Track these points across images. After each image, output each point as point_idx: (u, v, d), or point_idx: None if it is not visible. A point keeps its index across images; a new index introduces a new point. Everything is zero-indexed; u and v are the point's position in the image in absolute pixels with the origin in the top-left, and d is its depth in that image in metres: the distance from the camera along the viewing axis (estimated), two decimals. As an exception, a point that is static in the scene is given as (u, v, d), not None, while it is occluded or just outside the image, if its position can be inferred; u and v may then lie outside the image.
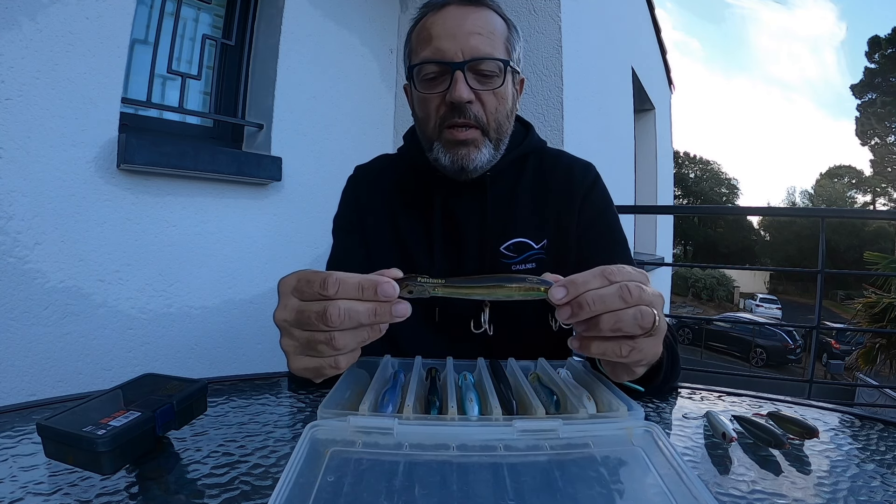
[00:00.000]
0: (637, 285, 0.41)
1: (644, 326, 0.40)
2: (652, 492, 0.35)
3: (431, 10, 0.71)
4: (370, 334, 0.41)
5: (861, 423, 0.61)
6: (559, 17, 1.95)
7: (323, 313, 0.39)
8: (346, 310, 0.39)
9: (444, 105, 0.68)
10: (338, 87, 2.01)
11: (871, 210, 19.14)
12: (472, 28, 0.68)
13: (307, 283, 0.41)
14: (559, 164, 0.80)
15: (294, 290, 0.42)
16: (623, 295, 0.40)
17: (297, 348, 0.42)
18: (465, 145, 0.69)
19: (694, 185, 36.72)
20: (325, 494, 0.33)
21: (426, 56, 0.68)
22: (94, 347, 1.36)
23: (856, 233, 27.76)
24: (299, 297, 0.41)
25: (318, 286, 0.39)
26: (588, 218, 0.77)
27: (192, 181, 1.56)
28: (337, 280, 0.39)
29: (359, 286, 0.39)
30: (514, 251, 0.75)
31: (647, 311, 0.40)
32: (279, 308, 0.43)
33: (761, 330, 13.85)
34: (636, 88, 4.21)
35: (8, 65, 1.19)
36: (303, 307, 0.40)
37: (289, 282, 0.43)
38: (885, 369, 5.84)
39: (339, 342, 0.40)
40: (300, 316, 0.40)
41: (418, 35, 0.71)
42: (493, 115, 0.70)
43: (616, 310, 0.40)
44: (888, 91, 27.49)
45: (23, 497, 0.37)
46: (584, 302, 0.40)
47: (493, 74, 0.69)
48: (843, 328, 11.69)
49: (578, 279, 0.41)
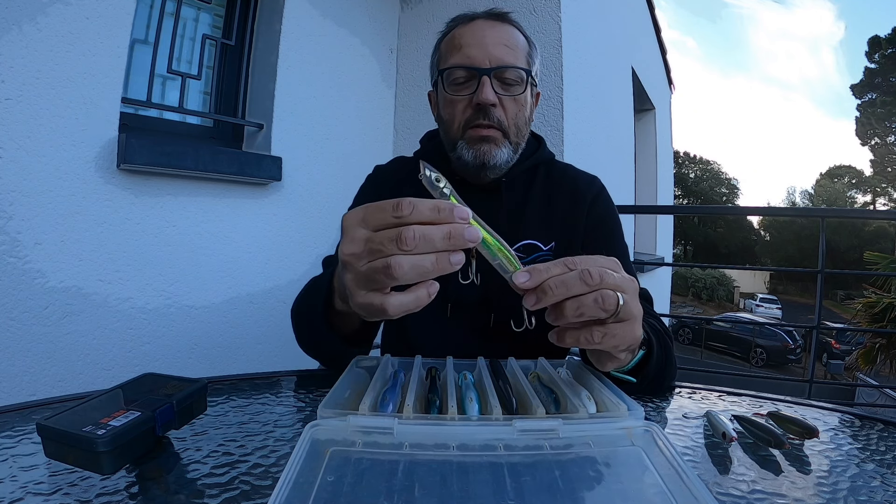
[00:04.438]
0: (600, 269, 0.42)
1: (607, 309, 0.41)
2: (652, 492, 0.35)
3: (461, 23, 0.79)
4: (437, 265, 0.39)
5: (861, 423, 0.61)
6: (559, 17, 1.95)
7: (397, 237, 0.37)
8: (421, 232, 0.37)
9: (469, 107, 0.75)
10: (338, 87, 2.01)
11: (871, 210, 19.13)
12: (498, 40, 0.75)
13: (378, 209, 0.40)
14: (567, 175, 0.87)
15: (362, 221, 0.41)
16: (584, 279, 0.41)
17: (358, 282, 0.42)
18: (488, 142, 0.75)
19: (694, 185, 36.72)
20: (324, 494, 0.33)
21: (456, 62, 0.75)
22: (94, 347, 1.36)
23: (856, 233, 27.76)
24: (368, 227, 0.40)
25: (392, 209, 0.38)
26: (592, 223, 0.82)
27: (192, 181, 1.56)
28: (410, 203, 0.38)
29: (435, 207, 0.39)
30: (524, 252, 0.79)
31: (609, 294, 0.41)
32: (344, 242, 0.42)
33: (761, 330, 13.85)
34: (636, 88, 4.21)
35: (8, 65, 1.19)
36: (374, 235, 0.39)
37: (354, 214, 0.41)
38: (885, 369, 5.84)
39: (397, 270, 0.38)
40: (370, 244, 0.39)
41: (448, 44, 0.78)
42: (514, 119, 0.76)
43: (578, 295, 0.41)
44: (888, 91, 27.49)
45: (23, 497, 0.37)
46: (546, 287, 0.41)
47: (515, 82, 0.75)
48: (843, 328, 11.69)
49: (541, 266, 0.42)
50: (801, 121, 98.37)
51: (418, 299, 0.41)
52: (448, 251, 0.39)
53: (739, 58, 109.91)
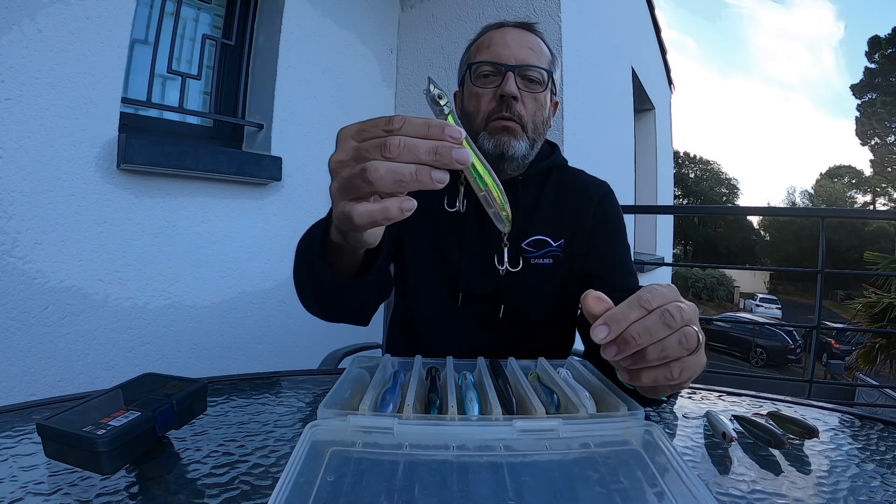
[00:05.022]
0: (676, 306, 0.38)
1: (689, 348, 0.38)
2: (652, 492, 0.35)
3: (491, 28, 0.86)
4: (415, 175, 0.38)
5: (861, 423, 0.61)
6: (559, 17, 1.94)
7: (382, 144, 0.37)
8: (406, 142, 0.37)
9: (493, 100, 0.80)
10: (338, 87, 2.01)
11: (871, 210, 19.12)
12: (524, 43, 0.82)
13: (371, 124, 0.39)
14: (578, 179, 0.92)
15: (355, 133, 0.40)
16: (666, 321, 0.37)
17: (339, 189, 0.41)
18: (508, 133, 0.79)
19: (694, 185, 36.70)
20: (324, 494, 0.33)
21: (484, 58, 0.82)
22: (94, 347, 1.36)
23: (856, 233, 27.75)
24: (359, 139, 0.40)
25: (384, 123, 0.38)
26: (597, 221, 0.87)
27: (192, 181, 1.55)
28: (403, 118, 0.38)
29: (426, 123, 0.38)
30: (534, 247, 0.83)
31: (691, 332, 0.38)
32: (335, 152, 0.42)
33: (761, 330, 13.85)
34: (636, 88, 4.21)
35: (8, 65, 1.19)
36: (361, 144, 0.39)
37: (350, 127, 0.41)
38: (885, 369, 5.84)
39: (373, 174, 0.37)
40: (357, 152, 0.39)
41: (478, 45, 0.85)
42: (532, 116, 0.81)
43: (662, 339, 0.38)
44: (888, 91, 27.48)
45: (23, 497, 0.37)
46: (629, 337, 0.37)
47: (537, 81, 0.81)
48: (843, 328, 11.68)
49: (618, 314, 0.38)
50: (801, 121, 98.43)
51: (386, 210, 0.39)
52: (431, 166, 0.38)
53: (739, 58, 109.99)
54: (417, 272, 0.86)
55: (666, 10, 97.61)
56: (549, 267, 0.83)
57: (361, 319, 0.75)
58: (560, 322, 0.88)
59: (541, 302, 0.83)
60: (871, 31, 71.54)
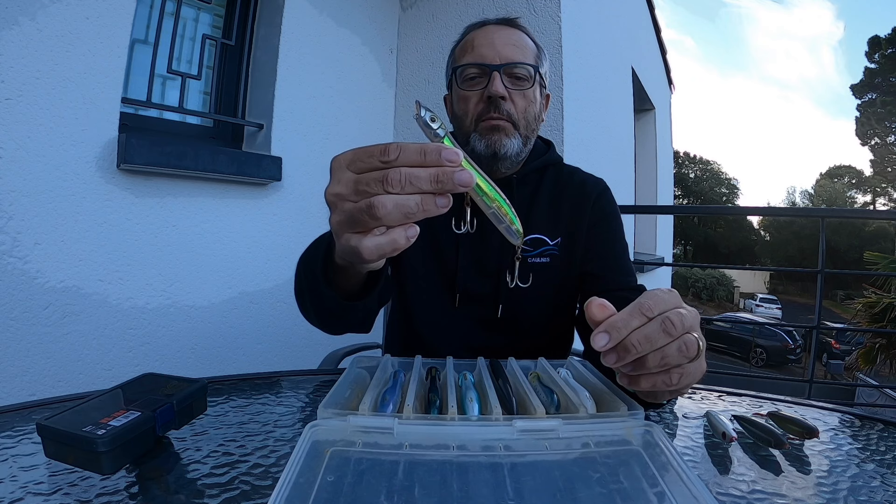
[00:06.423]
0: (677, 313, 0.39)
1: (689, 356, 0.39)
2: (652, 492, 0.35)
3: (473, 28, 0.85)
4: (421, 206, 0.38)
5: (861, 423, 0.61)
6: (559, 17, 1.94)
7: (384, 178, 0.37)
8: (407, 174, 0.37)
9: (481, 102, 0.79)
10: (338, 87, 2.01)
11: (871, 210, 19.11)
12: (507, 41, 0.81)
13: (366, 154, 0.39)
14: (574, 176, 0.90)
15: (350, 163, 0.40)
16: (667, 329, 0.38)
17: (342, 223, 0.41)
18: (498, 132, 0.79)
19: (694, 185, 36.70)
20: (324, 494, 0.33)
21: (468, 60, 0.81)
22: (94, 347, 1.36)
23: (856, 233, 27.75)
24: (356, 170, 0.40)
25: (379, 154, 0.38)
26: (595, 219, 0.86)
27: (192, 181, 1.55)
28: (398, 146, 0.38)
29: (421, 150, 0.38)
30: (532, 245, 0.83)
31: (691, 340, 0.39)
32: (331, 183, 0.41)
33: (761, 330, 13.85)
34: (636, 88, 4.21)
35: (8, 65, 1.18)
36: (360, 177, 0.39)
37: (343, 157, 0.41)
38: (885, 369, 5.84)
39: (381, 210, 0.37)
40: (356, 185, 0.39)
41: (462, 47, 0.84)
42: (523, 113, 0.80)
43: (662, 346, 0.38)
44: (888, 91, 27.48)
45: (23, 497, 0.37)
46: (629, 345, 0.38)
47: (524, 77, 0.80)
48: (843, 328, 11.69)
49: (618, 322, 0.38)
50: (800, 121, 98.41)
51: (394, 241, 0.40)
52: (435, 193, 0.38)
53: (738, 57, 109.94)
54: (414, 274, 0.86)
55: (665, 10, 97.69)
56: (546, 265, 0.83)
57: (364, 329, 0.74)
58: (559, 321, 0.87)
59: (539, 301, 0.83)
60: (870, 31, 71.63)
